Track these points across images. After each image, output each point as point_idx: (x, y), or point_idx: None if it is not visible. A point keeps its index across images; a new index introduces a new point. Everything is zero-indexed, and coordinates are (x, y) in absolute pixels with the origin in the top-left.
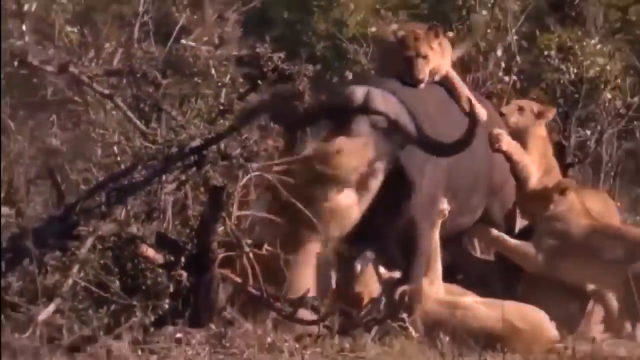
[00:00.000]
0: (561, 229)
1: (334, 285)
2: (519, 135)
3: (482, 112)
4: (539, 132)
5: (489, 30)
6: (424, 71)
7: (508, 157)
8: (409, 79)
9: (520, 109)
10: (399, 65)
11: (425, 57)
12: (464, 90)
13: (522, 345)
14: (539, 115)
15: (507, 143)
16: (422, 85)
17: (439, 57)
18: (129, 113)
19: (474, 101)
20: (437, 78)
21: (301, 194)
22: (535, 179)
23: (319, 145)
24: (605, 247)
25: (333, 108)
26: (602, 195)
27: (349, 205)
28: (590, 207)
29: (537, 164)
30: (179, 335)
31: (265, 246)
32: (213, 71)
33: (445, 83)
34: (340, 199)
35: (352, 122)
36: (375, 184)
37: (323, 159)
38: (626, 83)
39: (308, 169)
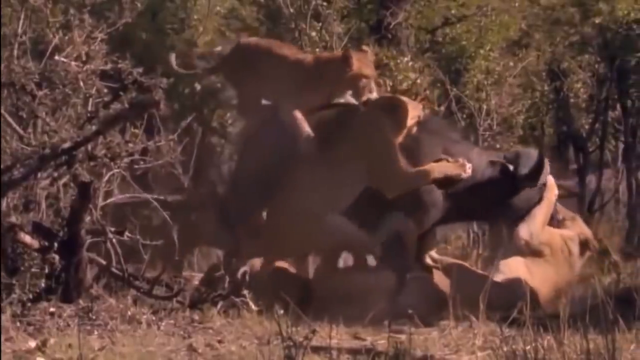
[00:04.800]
0: None
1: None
2: None
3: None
4: None
5: (317, 50)
6: None
7: None
8: None
9: None
10: None
11: None
12: None
13: None
14: None
15: None
16: None
17: None
18: (9, 119)
19: None
20: None
21: None
22: None
23: None
24: None
25: None
26: None
27: None
28: None
29: None
30: (52, 309)
31: (127, 233)
32: (81, 83)
33: None
34: None
35: None
36: None
37: None
38: (434, 94)
39: None
